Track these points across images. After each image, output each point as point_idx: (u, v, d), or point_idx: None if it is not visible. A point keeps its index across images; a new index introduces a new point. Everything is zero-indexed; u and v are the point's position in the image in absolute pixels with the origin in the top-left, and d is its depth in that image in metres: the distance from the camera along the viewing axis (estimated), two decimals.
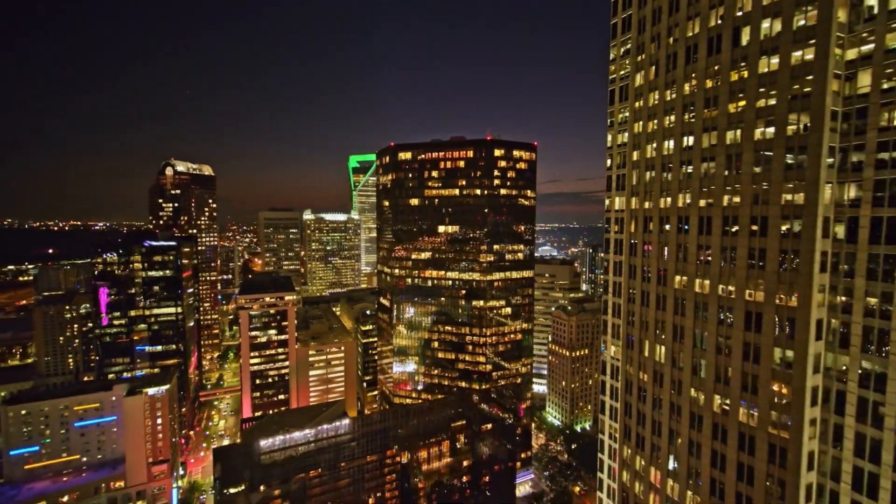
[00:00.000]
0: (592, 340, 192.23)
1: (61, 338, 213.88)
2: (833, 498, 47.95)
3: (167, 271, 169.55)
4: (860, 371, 45.45)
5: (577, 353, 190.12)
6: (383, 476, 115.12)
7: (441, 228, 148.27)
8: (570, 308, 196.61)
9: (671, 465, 62.58)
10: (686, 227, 59.95)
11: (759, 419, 51.03)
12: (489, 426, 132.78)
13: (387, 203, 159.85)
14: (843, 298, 46.68)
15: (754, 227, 51.34)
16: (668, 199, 62.43)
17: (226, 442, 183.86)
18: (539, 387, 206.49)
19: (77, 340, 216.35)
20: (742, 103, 52.25)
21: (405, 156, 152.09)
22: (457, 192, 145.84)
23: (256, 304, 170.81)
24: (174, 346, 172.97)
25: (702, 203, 57.58)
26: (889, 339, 43.11)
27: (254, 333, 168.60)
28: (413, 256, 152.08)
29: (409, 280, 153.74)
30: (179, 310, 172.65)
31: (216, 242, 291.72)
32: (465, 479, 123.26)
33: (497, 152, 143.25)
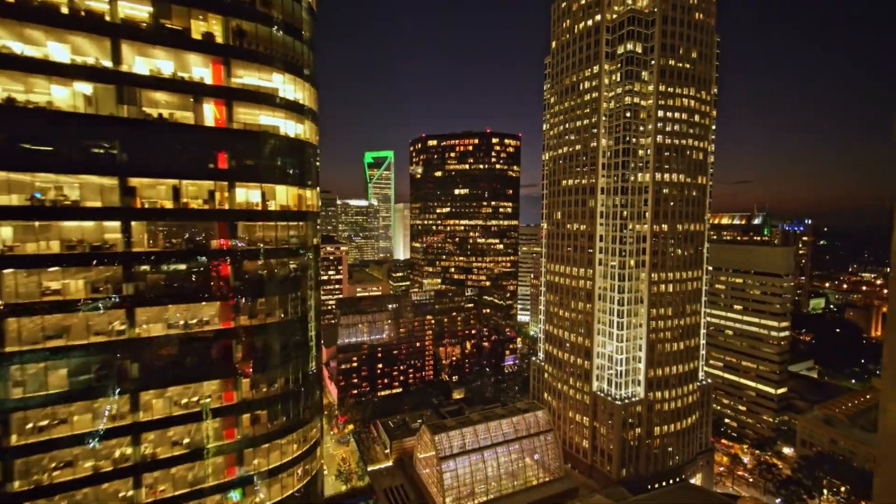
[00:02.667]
0: None
1: None
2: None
3: None
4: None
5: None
6: (422, 354, 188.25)
7: (456, 191, 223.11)
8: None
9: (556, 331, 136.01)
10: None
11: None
12: (488, 328, 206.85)
13: (419, 174, 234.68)
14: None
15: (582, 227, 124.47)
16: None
17: None
18: (522, 316, 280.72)
19: None
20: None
21: (431, 143, 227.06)
22: (466, 166, 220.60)
23: (321, 251, 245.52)
24: None
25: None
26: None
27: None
28: (437, 210, 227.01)
29: (434, 227, 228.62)
30: None
31: None
32: (471, 353, 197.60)
33: (494, 140, 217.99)
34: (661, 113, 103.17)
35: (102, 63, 32.02)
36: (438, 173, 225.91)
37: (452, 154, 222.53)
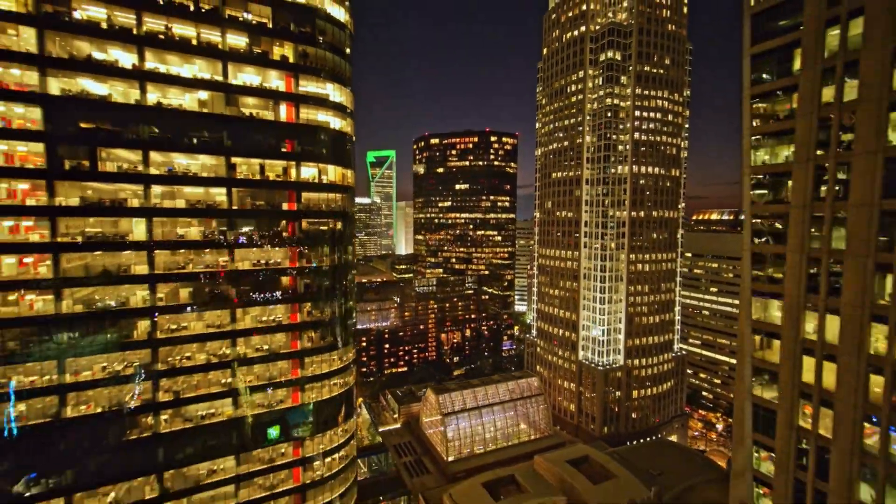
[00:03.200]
0: None
1: None
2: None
3: None
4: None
5: None
6: (425, 337, 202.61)
7: (457, 186, 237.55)
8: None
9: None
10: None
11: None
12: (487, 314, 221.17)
13: (422, 171, 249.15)
14: None
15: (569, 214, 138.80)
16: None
17: None
18: (520, 306, 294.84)
19: None
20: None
21: (434, 141, 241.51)
22: (467, 163, 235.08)
23: None
24: None
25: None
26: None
27: None
28: (439, 204, 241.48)
29: (437, 220, 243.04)
30: None
31: None
32: (471, 337, 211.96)
33: (492, 139, 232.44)
34: (637, 113, 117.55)
35: (215, 78, 46.46)
36: (440, 170, 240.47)
37: (453, 151, 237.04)
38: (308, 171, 52.28)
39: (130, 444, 44.08)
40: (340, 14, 54.00)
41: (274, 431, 51.28)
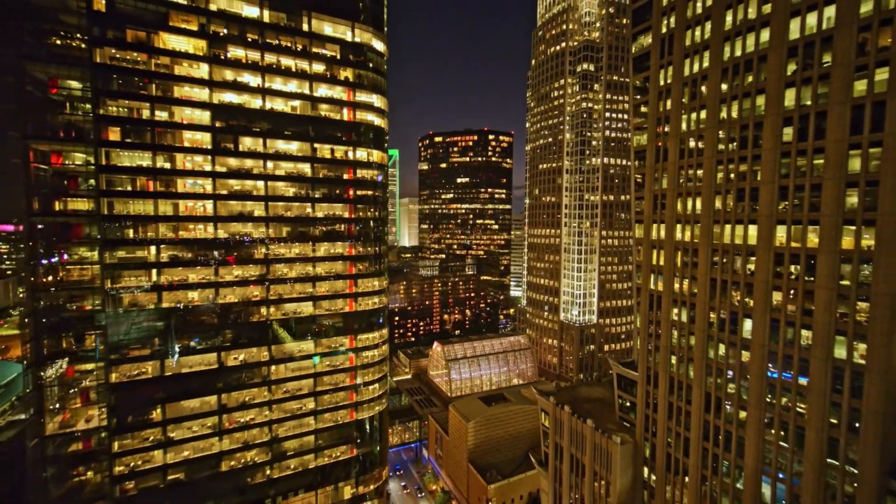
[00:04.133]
0: None
1: None
2: None
3: None
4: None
5: None
6: (430, 312, 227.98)
7: (458, 180, 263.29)
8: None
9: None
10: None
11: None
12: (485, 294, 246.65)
13: (426, 166, 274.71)
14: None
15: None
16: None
17: None
18: (515, 291, 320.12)
19: None
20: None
21: (437, 139, 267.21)
22: (467, 159, 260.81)
23: None
24: None
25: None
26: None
27: None
28: (442, 196, 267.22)
29: (440, 211, 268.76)
30: None
31: None
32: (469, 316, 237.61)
33: (490, 137, 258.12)
34: (608, 114, 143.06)
35: (304, 91, 72.14)
36: (443, 165, 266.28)
37: (455, 148, 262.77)
38: (360, 154, 78.01)
39: (252, 325, 69.86)
40: (381, 46, 79.70)
41: (337, 327, 77.06)
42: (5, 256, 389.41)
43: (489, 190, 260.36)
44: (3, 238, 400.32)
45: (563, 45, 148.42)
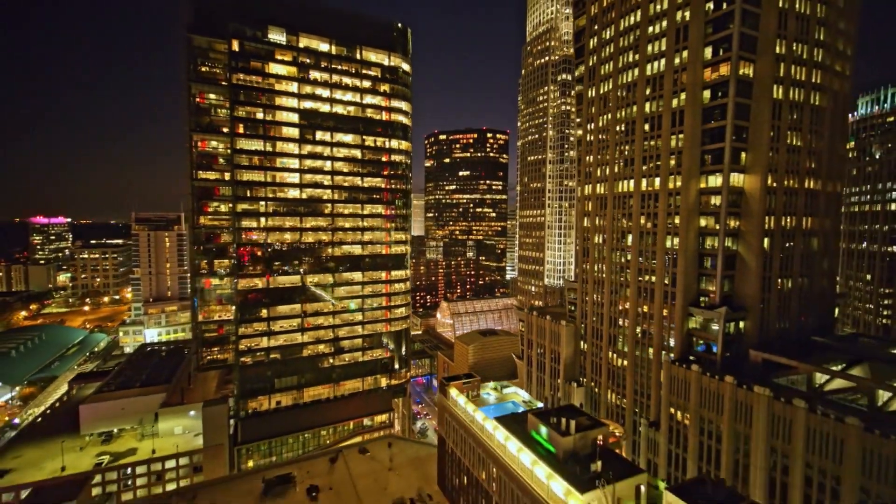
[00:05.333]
0: None
1: None
2: None
3: None
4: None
5: None
6: (435, 287, 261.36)
7: (460, 173, 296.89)
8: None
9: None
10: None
11: None
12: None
13: (432, 160, 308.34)
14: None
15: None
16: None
17: None
18: (510, 275, 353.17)
19: None
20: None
21: (441, 136, 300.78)
22: (468, 154, 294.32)
23: None
24: None
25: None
26: None
27: None
28: (446, 188, 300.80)
29: (444, 201, 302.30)
30: None
31: None
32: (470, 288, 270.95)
33: (488, 135, 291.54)
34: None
35: (356, 100, 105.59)
36: (447, 160, 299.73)
37: (457, 145, 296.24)
38: (393, 143, 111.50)
39: (321, 258, 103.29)
40: (407, 67, 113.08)
41: (377, 263, 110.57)
42: (39, 248, 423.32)
43: (487, 182, 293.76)
44: (37, 230, 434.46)
45: (547, 58, 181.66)
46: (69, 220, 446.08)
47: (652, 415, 74.87)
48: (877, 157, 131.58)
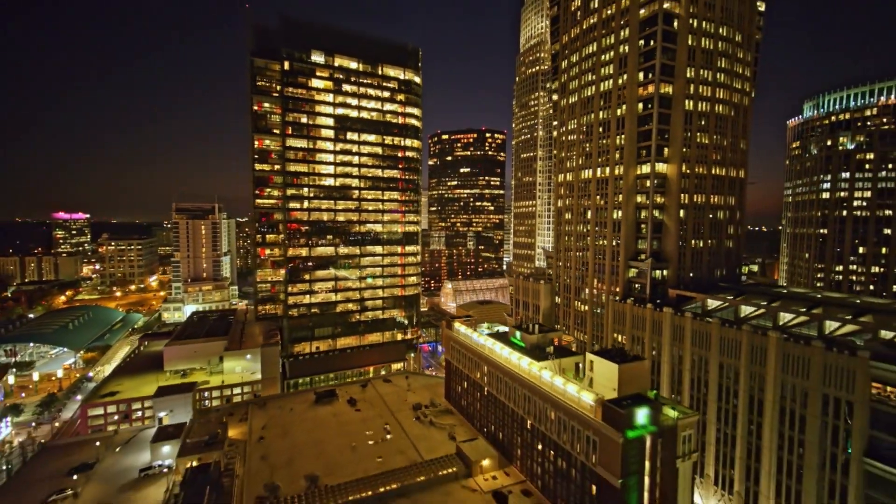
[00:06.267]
0: None
1: None
2: None
3: None
4: None
5: None
6: (438, 274, 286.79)
7: (461, 169, 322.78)
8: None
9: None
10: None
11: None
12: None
13: (435, 158, 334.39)
14: None
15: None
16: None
17: None
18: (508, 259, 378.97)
19: None
20: None
21: (444, 136, 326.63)
22: (468, 153, 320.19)
23: None
24: None
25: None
26: None
27: None
28: (448, 183, 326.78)
29: (446, 195, 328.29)
30: None
31: None
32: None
33: (487, 135, 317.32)
34: None
35: (378, 107, 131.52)
36: (449, 157, 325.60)
37: (458, 144, 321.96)
38: (407, 142, 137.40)
39: (350, 233, 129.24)
40: (418, 80, 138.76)
41: (393, 239, 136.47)
42: (62, 242, 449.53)
43: (486, 178, 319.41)
44: (59, 226, 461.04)
45: (537, 68, 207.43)
46: (88, 216, 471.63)
47: (604, 345, 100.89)
48: (814, 153, 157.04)
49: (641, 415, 51.52)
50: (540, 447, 62.63)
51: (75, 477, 67.26)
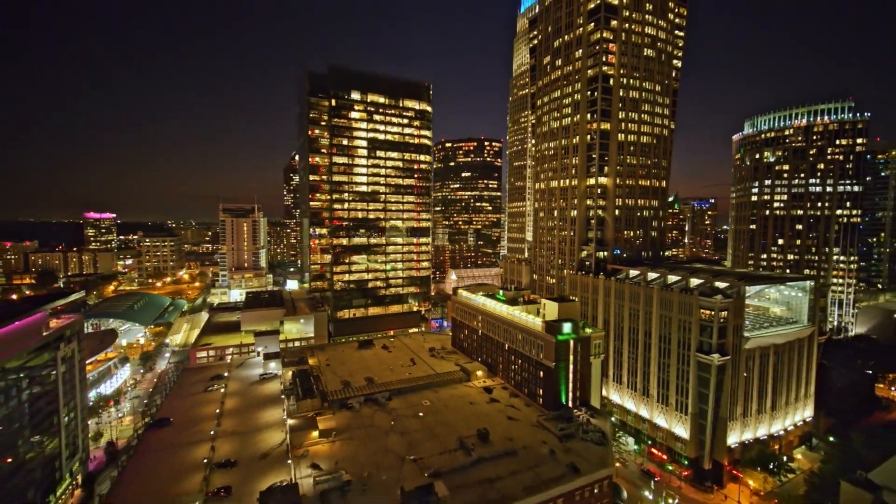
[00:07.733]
0: None
1: None
2: None
3: None
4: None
5: None
6: (442, 266, 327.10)
7: (462, 174, 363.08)
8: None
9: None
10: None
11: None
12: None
13: (440, 163, 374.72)
14: None
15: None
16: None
17: None
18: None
19: None
20: None
21: (448, 144, 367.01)
22: (469, 159, 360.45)
23: None
24: None
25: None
26: None
27: None
28: (451, 185, 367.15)
29: (449, 197, 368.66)
30: None
31: None
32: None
33: (486, 143, 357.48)
34: None
35: (398, 132, 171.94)
36: (451, 163, 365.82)
37: (460, 151, 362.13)
38: (420, 157, 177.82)
39: (378, 227, 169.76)
40: (430, 108, 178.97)
41: (410, 231, 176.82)
42: (92, 239, 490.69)
43: (485, 181, 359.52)
44: (90, 224, 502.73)
45: (527, 91, 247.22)
46: (114, 215, 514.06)
47: None
48: (747, 164, 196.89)
49: (567, 327, 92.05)
50: (512, 359, 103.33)
51: (216, 382, 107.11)
